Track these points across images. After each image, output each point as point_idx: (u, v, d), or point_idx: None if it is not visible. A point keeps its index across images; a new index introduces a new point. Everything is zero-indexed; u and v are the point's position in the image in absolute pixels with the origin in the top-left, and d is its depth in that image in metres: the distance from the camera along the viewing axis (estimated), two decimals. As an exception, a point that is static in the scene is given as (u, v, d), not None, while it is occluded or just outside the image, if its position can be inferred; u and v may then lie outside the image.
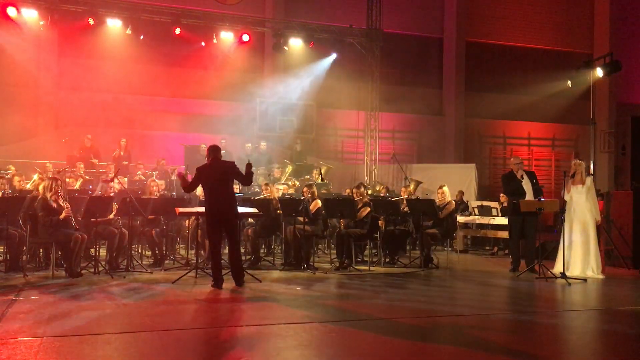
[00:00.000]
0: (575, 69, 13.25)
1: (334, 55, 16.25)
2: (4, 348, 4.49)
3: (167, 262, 9.27)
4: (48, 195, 7.86)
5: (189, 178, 8.11)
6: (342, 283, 8.04)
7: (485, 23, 19.64)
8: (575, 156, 12.61)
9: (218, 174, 7.46)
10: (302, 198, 9.37)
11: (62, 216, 7.85)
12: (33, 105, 15.54)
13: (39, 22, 13.99)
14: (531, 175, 9.42)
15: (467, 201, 13.88)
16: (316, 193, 9.62)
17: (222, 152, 7.92)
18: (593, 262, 8.91)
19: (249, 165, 7.66)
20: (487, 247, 13.07)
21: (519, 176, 9.37)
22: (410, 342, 5.10)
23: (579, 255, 8.91)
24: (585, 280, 8.51)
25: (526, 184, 9.28)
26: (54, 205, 7.87)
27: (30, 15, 13.89)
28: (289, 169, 13.63)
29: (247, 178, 7.69)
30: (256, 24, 15.63)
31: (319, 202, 9.31)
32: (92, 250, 8.63)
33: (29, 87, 15.55)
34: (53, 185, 7.93)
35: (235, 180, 7.97)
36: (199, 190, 10.69)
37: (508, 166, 19.40)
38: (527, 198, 9.17)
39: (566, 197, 9.09)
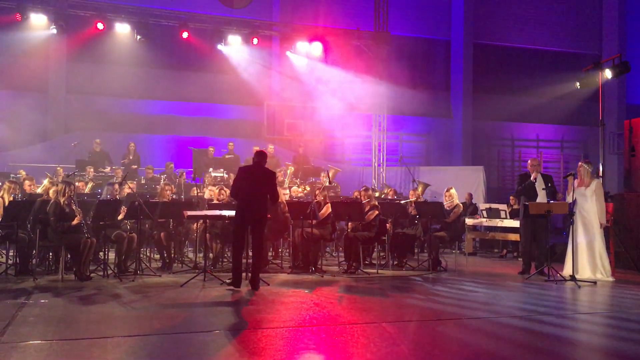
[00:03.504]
0: (584, 71, 13.20)
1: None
2: (14, 351, 4.52)
3: (175, 265, 9.30)
4: (61, 199, 7.89)
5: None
6: (350, 286, 8.03)
7: (493, 25, 19.61)
8: (584, 158, 12.56)
9: (258, 177, 7.58)
10: (311, 201, 9.37)
11: (74, 222, 7.89)
12: (43, 110, 15.67)
13: (48, 27, 14.10)
14: (546, 179, 9.35)
15: (476, 203, 13.83)
16: (327, 197, 9.62)
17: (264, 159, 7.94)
18: (600, 264, 8.85)
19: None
20: (496, 250, 13.01)
21: (532, 178, 9.33)
22: (418, 346, 5.09)
23: (585, 258, 8.85)
24: (594, 283, 8.45)
25: (539, 187, 9.22)
26: (67, 210, 7.91)
27: (39, 21, 14.00)
28: (290, 169, 13.65)
29: (276, 196, 7.89)
30: (264, 27, 15.67)
31: (329, 207, 9.31)
32: (101, 253, 8.67)
33: (38, 91, 15.67)
34: (66, 190, 7.96)
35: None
36: (207, 194, 10.77)
37: (518, 168, 19.41)
38: (538, 200, 9.12)
39: (568, 199, 9.02)
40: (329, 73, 16.49)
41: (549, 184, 9.21)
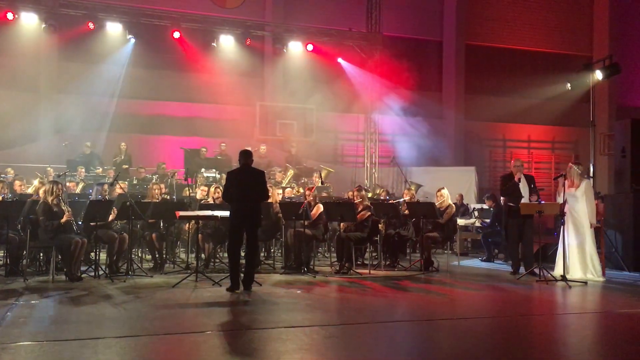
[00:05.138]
0: (575, 72, 13.28)
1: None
2: (4, 353, 4.49)
3: (167, 266, 9.26)
4: (49, 199, 7.86)
5: None
6: (342, 287, 8.04)
7: (485, 26, 19.66)
8: (575, 159, 12.62)
9: (247, 179, 7.54)
10: (304, 201, 9.37)
11: (63, 220, 7.86)
12: (33, 110, 15.54)
13: (40, 27, 14.02)
14: (529, 179, 9.39)
15: (468, 204, 13.86)
16: (317, 197, 9.61)
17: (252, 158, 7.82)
18: (591, 265, 8.90)
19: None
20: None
21: (516, 178, 9.34)
22: (410, 346, 5.10)
23: (576, 258, 8.90)
24: (585, 283, 8.50)
25: (524, 188, 9.25)
26: (55, 209, 7.87)
27: (30, 20, 13.91)
28: (291, 172, 13.65)
29: (267, 196, 7.87)
30: (256, 27, 15.64)
31: (320, 207, 9.31)
32: (92, 254, 8.63)
33: (29, 91, 15.55)
34: (54, 189, 7.93)
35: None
36: (199, 194, 10.75)
37: (509, 169, 19.46)
38: (523, 201, 9.15)
39: (559, 200, 9.06)
40: (321, 73, 16.48)
41: (532, 185, 9.25)
